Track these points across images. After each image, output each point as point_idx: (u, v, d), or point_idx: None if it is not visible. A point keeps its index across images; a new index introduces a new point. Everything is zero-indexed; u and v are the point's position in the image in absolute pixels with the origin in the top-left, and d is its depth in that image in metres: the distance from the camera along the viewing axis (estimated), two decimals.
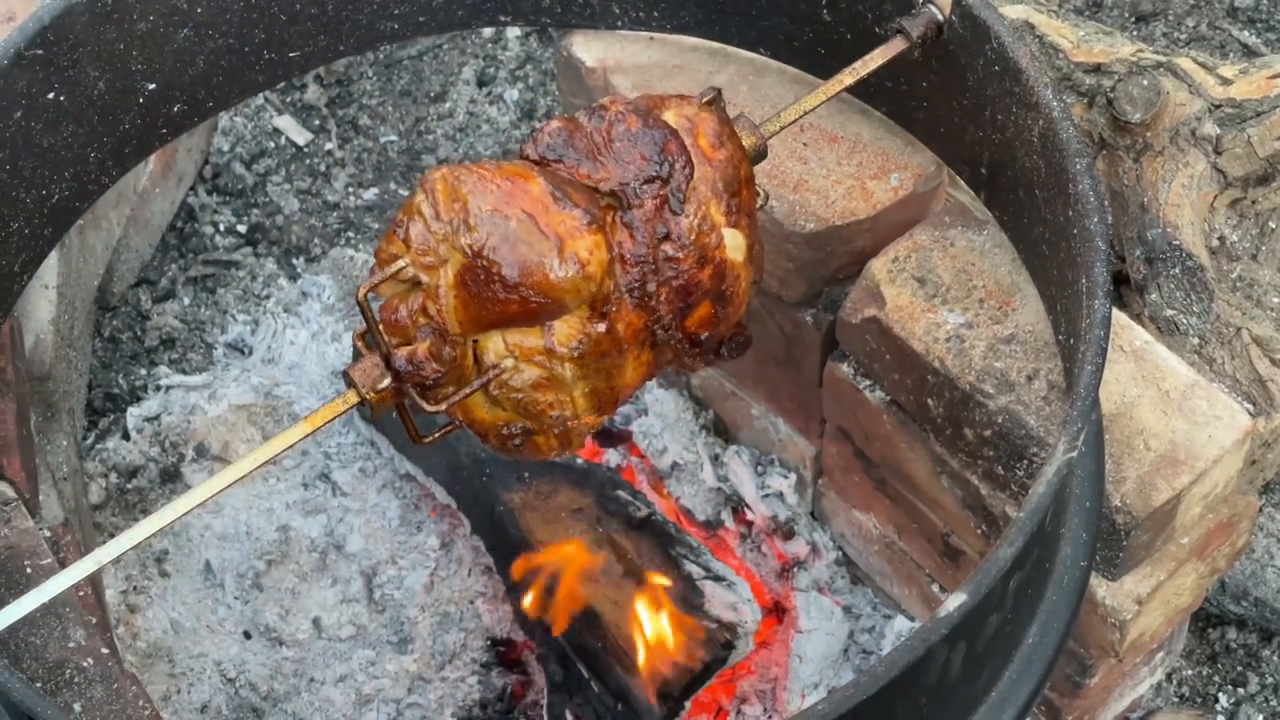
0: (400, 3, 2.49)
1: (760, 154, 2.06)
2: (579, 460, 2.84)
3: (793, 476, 2.88)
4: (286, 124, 3.64)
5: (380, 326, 1.86)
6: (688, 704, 2.59)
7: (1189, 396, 2.28)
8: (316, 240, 3.47)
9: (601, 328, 1.91)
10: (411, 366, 1.85)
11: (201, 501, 1.80)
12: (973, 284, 2.34)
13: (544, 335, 1.90)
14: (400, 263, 1.85)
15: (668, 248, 1.92)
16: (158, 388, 3.16)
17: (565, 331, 1.90)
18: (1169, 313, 2.48)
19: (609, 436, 2.96)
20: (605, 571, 2.67)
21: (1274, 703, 2.87)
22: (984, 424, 2.26)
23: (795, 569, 2.84)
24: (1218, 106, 2.49)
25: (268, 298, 3.33)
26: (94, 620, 2.16)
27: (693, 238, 1.94)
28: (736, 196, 1.98)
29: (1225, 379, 2.46)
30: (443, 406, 1.90)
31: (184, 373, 3.23)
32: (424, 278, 1.86)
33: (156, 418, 3.09)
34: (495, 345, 1.91)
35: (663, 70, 2.56)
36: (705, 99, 1.99)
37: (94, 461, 3.02)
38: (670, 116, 1.96)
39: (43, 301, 2.72)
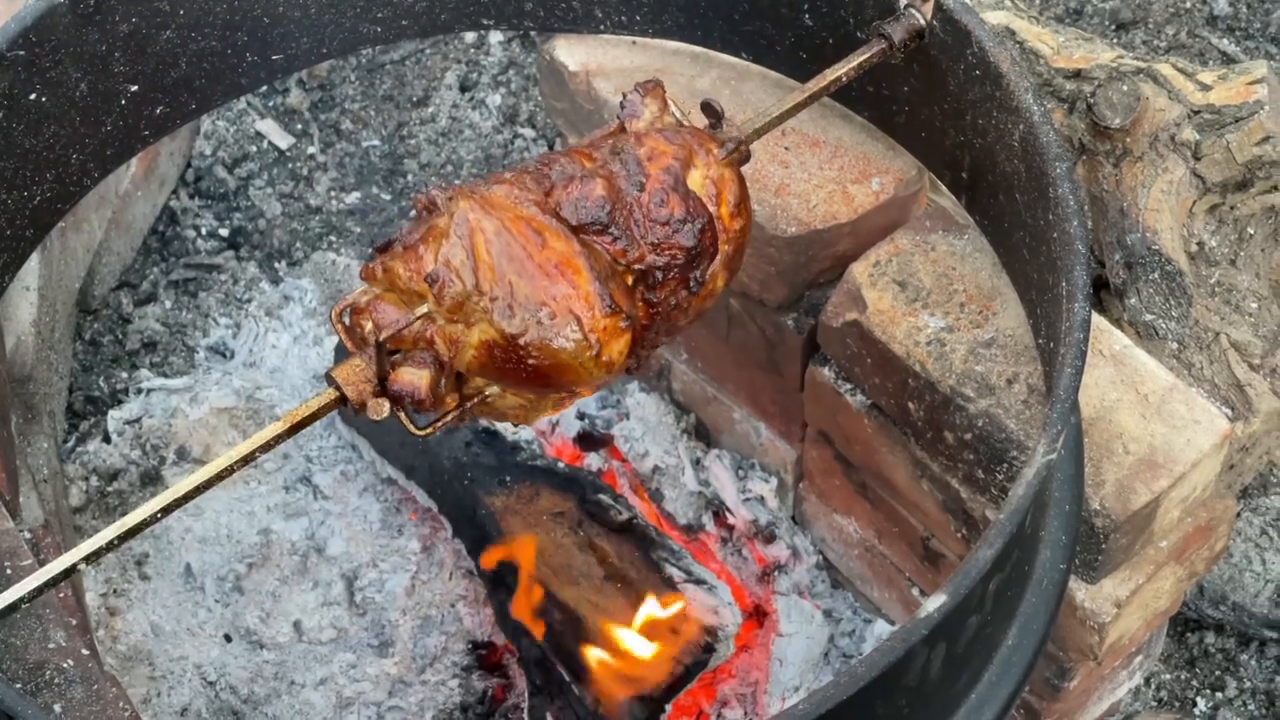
0: (383, 6, 2.49)
1: (743, 158, 2.07)
2: (561, 464, 2.84)
3: (774, 480, 2.89)
4: (269, 128, 3.64)
5: (378, 340, 1.84)
6: (668, 707, 2.59)
7: (1168, 400, 2.29)
8: (298, 244, 3.47)
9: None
10: (410, 399, 1.85)
11: (183, 497, 1.79)
12: (953, 288, 2.34)
13: None
14: (424, 308, 1.83)
15: (674, 314, 1.97)
16: (139, 390, 3.15)
17: None
18: (1148, 317, 2.48)
19: (590, 440, 2.97)
20: (586, 575, 2.67)
21: (1252, 707, 2.88)
22: (964, 427, 2.27)
23: (776, 573, 2.84)
24: (1197, 112, 2.50)
25: (249, 301, 3.33)
26: (74, 622, 2.16)
27: (699, 305, 1.99)
28: (739, 258, 2.03)
29: (1204, 383, 2.46)
30: (427, 431, 1.91)
31: (165, 376, 3.22)
32: (439, 319, 1.86)
33: (137, 420, 3.08)
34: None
35: (645, 74, 2.56)
36: (729, 154, 1.99)
37: (74, 464, 3.02)
38: (697, 178, 1.96)
39: (24, 303, 2.72)
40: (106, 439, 3.08)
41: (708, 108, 2.03)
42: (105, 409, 3.16)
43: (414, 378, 1.82)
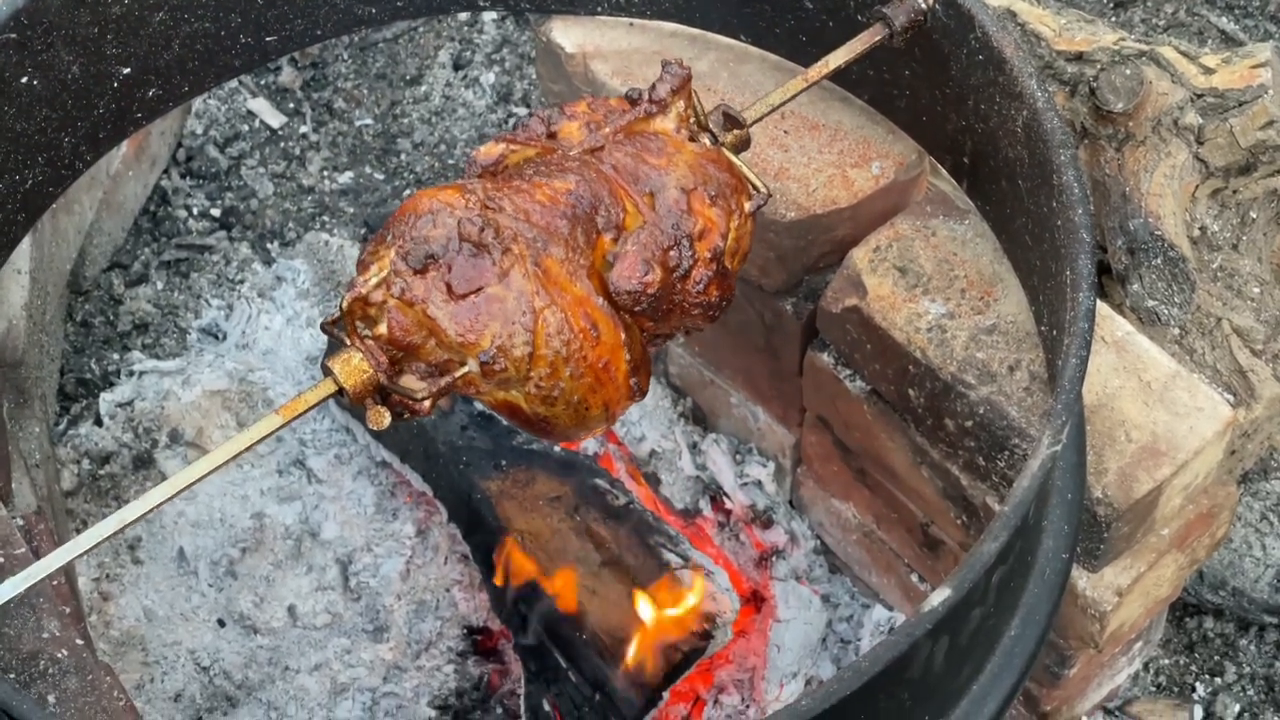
0: None
1: (744, 144, 2.05)
2: (556, 448, 2.82)
3: (771, 465, 2.87)
4: (261, 107, 3.61)
5: (419, 397, 1.83)
6: (666, 693, 2.58)
7: (1170, 387, 2.27)
8: (291, 224, 3.44)
9: None
10: (409, 410, 1.84)
11: (178, 491, 1.77)
12: (954, 274, 2.32)
13: None
14: (465, 370, 1.82)
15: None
16: (131, 373, 3.13)
17: None
18: (1150, 303, 2.47)
19: None
20: (583, 560, 2.66)
21: (1251, 692, 2.87)
22: (965, 415, 2.25)
23: (773, 558, 2.83)
24: (1200, 96, 2.48)
25: (242, 282, 3.31)
26: (68, 611, 2.14)
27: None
28: None
29: (1206, 369, 2.45)
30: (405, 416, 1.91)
31: (157, 358, 3.20)
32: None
33: (129, 403, 3.06)
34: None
35: (642, 57, 2.54)
36: (756, 208, 1.99)
37: (66, 447, 3.00)
38: (729, 240, 1.97)
39: (15, 287, 2.70)
40: (98, 422, 3.05)
41: (728, 117, 2.02)
42: (97, 391, 3.13)
43: (423, 403, 1.82)
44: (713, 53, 2.53)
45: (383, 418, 1.80)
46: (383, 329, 1.81)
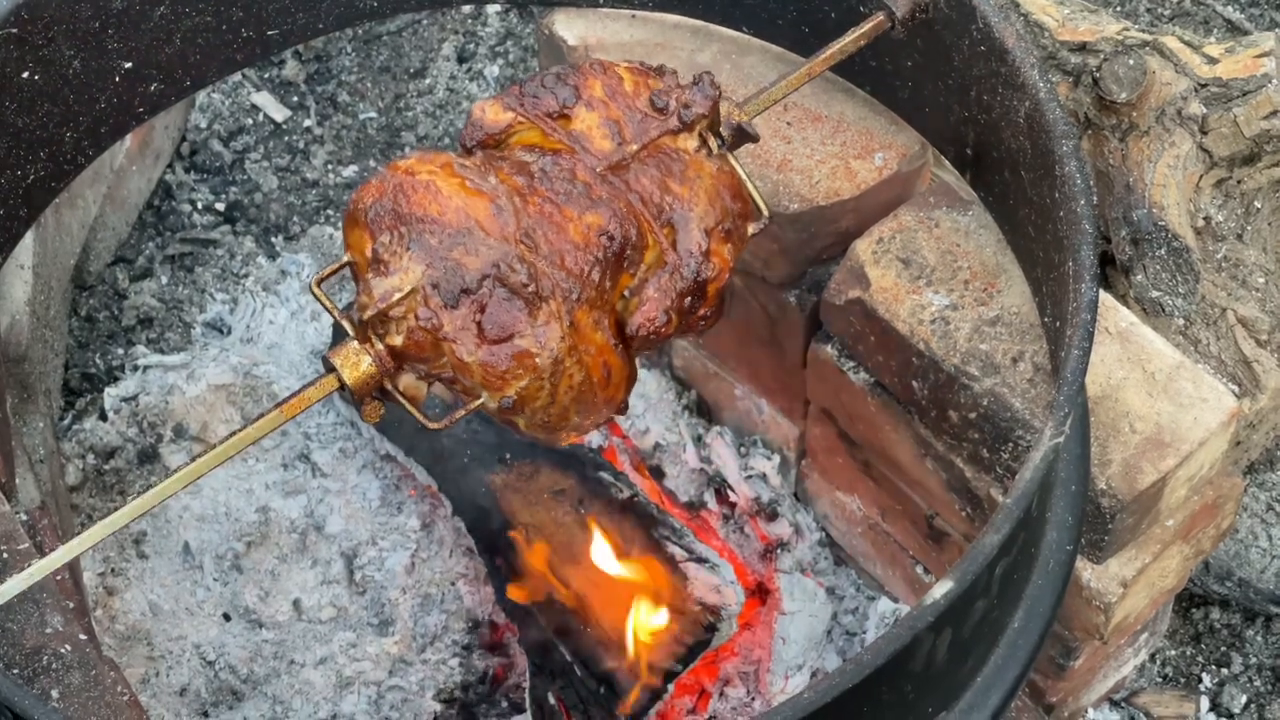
0: None
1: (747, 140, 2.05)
2: None
3: (776, 457, 2.87)
4: (265, 100, 3.61)
5: (433, 427, 1.85)
6: (671, 686, 2.58)
7: (1174, 378, 2.27)
8: (295, 218, 3.44)
9: None
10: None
11: (183, 485, 1.78)
12: (958, 265, 2.32)
13: None
14: (480, 402, 1.83)
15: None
16: (135, 368, 3.13)
17: None
18: (1155, 294, 2.46)
19: None
20: (587, 554, 2.66)
21: (1257, 683, 2.87)
22: (969, 406, 2.25)
23: (778, 550, 2.83)
24: (1204, 86, 2.47)
25: (246, 276, 3.31)
26: (71, 605, 2.14)
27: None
28: None
29: (1210, 360, 2.44)
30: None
31: (162, 352, 3.20)
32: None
33: (134, 398, 3.06)
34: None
35: (645, 49, 2.53)
36: (756, 232, 2.00)
37: (71, 442, 3.00)
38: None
39: (18, 282, 2.70)
40: (103, 417, 3.06)
41: (740, 131, 2.01)
42: (102, 386, 3.13)
43: (417, 392, 1.81)
44: (715, 44, 2.53)
45: (376, 412, 1.81)
46: (397, 341, 1.78)
